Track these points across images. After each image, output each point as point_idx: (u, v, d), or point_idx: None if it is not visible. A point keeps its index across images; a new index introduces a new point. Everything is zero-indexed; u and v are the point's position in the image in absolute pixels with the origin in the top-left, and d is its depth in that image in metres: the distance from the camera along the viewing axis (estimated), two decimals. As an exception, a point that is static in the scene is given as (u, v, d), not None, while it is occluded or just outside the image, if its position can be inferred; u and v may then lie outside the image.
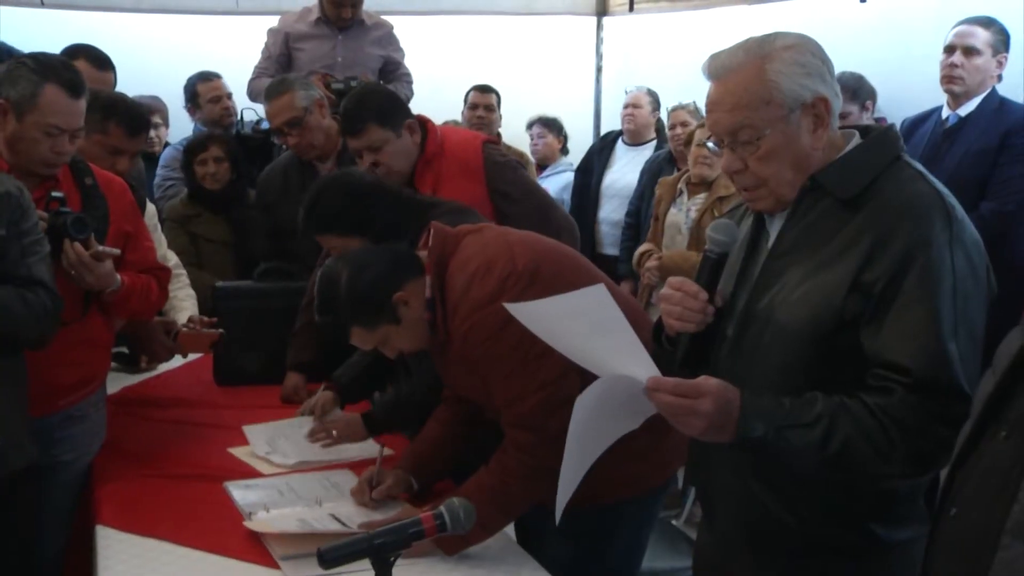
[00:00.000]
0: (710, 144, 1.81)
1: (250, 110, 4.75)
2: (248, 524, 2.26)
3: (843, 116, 4.10)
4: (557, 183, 5.88)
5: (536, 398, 2.13)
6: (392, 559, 1.58)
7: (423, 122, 3.20)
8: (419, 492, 2.44)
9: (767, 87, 1.66)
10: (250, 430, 2.92)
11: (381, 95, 3.23)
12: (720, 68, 1.71)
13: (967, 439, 1.30)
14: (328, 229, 2.59)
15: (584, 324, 1.67)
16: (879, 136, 1.76)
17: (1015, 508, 1.17)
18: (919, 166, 1.74)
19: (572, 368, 1.85)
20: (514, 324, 1.81)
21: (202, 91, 5.03)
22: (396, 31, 4.98)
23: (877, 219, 1.64)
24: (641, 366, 1.63)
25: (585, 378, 1.76)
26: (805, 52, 1.69)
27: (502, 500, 2.16)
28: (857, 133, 1.77)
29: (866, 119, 4.20)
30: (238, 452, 2.80)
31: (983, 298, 1.65)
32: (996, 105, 3.70)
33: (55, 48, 3.24)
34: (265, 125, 4.91)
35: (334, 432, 2.71)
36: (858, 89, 4.30)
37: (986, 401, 1.28)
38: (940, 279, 1.59)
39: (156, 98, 5.15)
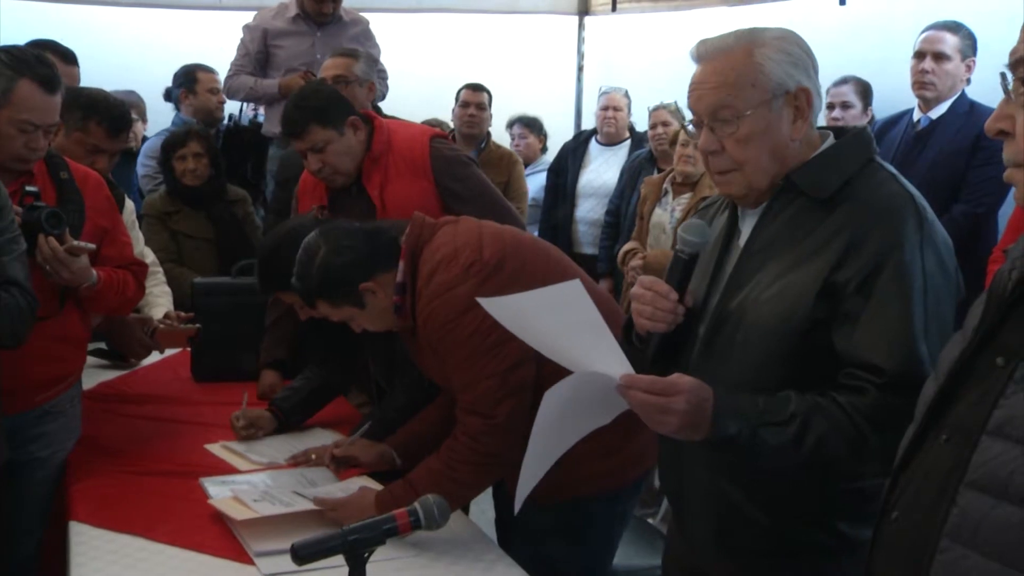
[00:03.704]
0: (688, 127, 1.82)
1: None
2: (212, 503, 2.33)
3: (847, 106, 4.31)
4: (537, 182, 5.88)
5: (487, 385, 2.18)
6: (366, 555, 1.59)
7: (370, 118, 3.13)
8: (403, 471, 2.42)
9: (754, 70, 1.67)
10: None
11: (321, 95, 3.12)
12: (709, 49, 1.72)
13: (910, 443, 1.30)
14: (288, 288, 2.49)
15: (558, 319, 1.67)
16: (853, 137, 1.77)
17: (953, 511, 1.18)
18: (891, 168, 1.75)
19: (527, 359, 1.85)
20: (472, 312, 1.82)
21: (202, 79, 4.96)
22: (376, 28, 4.96)
23: (850, 220, 1.65)
24: (615, 363, 1.63)
25: (542, 371, 1.74)
26: (792, 44, 1.72)
27: (448, 486, 2.16)
28: (832, 133, 1.78)
29: (864, 120, 4.28)
30: (215, 448, 2.80)
31: (953, 299, 1.66)
32: (967, 108, 3.74)
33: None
34: (262, 118, 4.90)
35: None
36: (867, 91, 4.42)
37: (928, 405, 1.29)
38: (912, 280, 1.60)
39: (133, 93, 5.10)
